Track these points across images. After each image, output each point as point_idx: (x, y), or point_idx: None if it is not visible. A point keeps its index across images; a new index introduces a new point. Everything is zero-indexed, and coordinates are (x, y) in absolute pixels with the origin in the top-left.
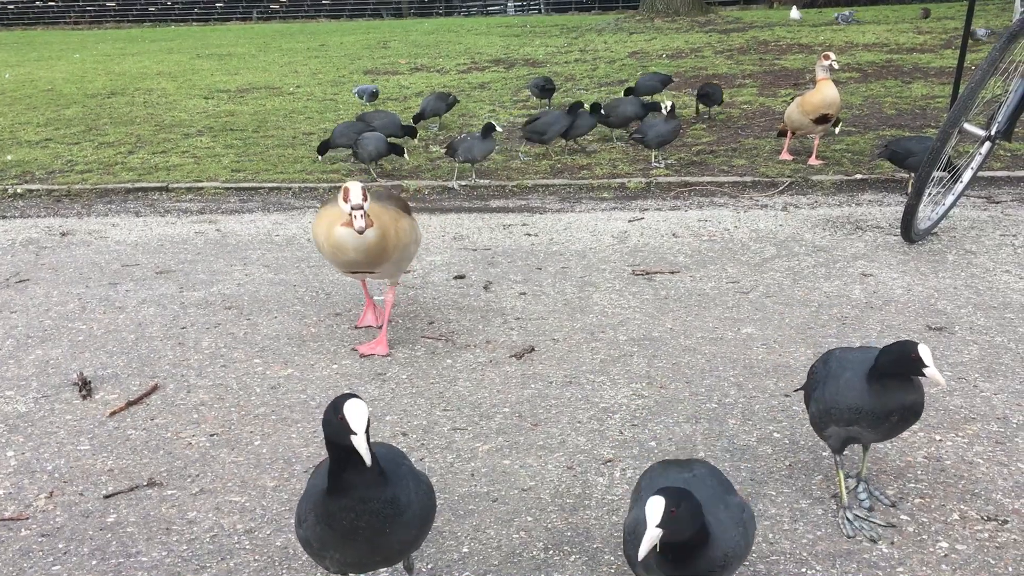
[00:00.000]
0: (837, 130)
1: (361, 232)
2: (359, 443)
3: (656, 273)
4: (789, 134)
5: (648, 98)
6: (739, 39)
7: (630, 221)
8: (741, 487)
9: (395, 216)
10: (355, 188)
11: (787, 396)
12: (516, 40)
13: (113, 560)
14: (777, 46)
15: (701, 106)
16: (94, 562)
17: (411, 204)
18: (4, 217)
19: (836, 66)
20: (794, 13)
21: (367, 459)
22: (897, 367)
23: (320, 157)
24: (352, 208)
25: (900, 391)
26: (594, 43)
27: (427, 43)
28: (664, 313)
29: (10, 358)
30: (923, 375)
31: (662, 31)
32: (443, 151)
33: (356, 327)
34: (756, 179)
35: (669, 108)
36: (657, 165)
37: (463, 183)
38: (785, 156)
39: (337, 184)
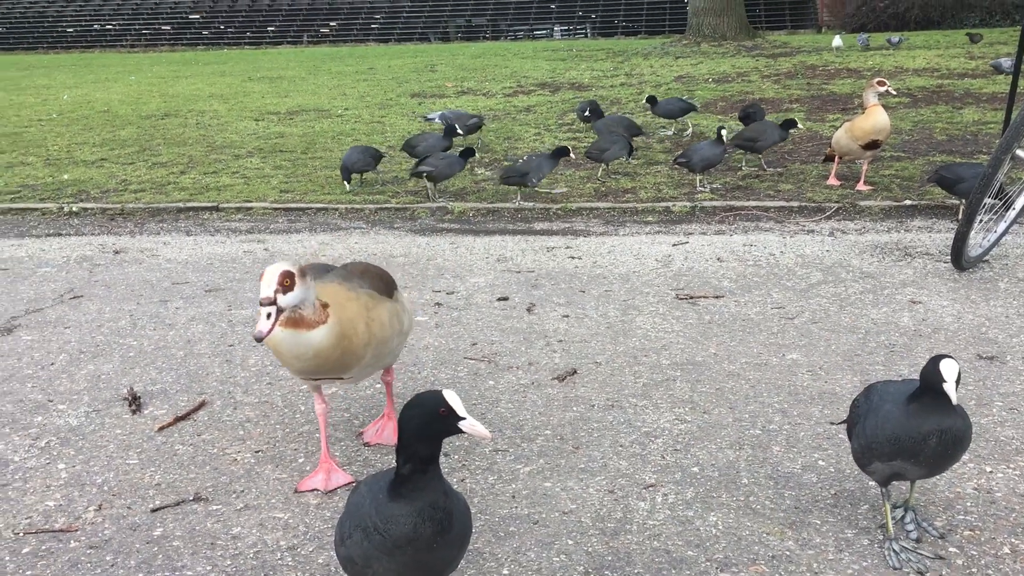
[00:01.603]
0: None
1: (259, 339)
2: (472, 424)
3: (700, 297)
4: (837, 159)
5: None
6: (786, 63)
7: (674, 245)
8: (785, 515)
9: (367, 304)
10: (268, 273)
11: (832, 424)
12: (562, 64)
13: (159, 573)
14: (825, 71)
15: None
16: (140, 575)
17: (455, 226)
18: (60, 235)
19: (893, 92)
20: (836, 41)
21: (487, 434)
22: (925, 381)
23: (347, 184)
24: (260, 303)
25: (936, 413)
26: (640, 67)
27: (474, 67)
28: (708, 338)
29: (63, 372)
30: (942, 390)
31: (708, 55)
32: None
33: (367, 444)
34: (803, 204)
35: (722, 133)
36: (702, 189)
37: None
38: (832, 181)
39: (384, 206)
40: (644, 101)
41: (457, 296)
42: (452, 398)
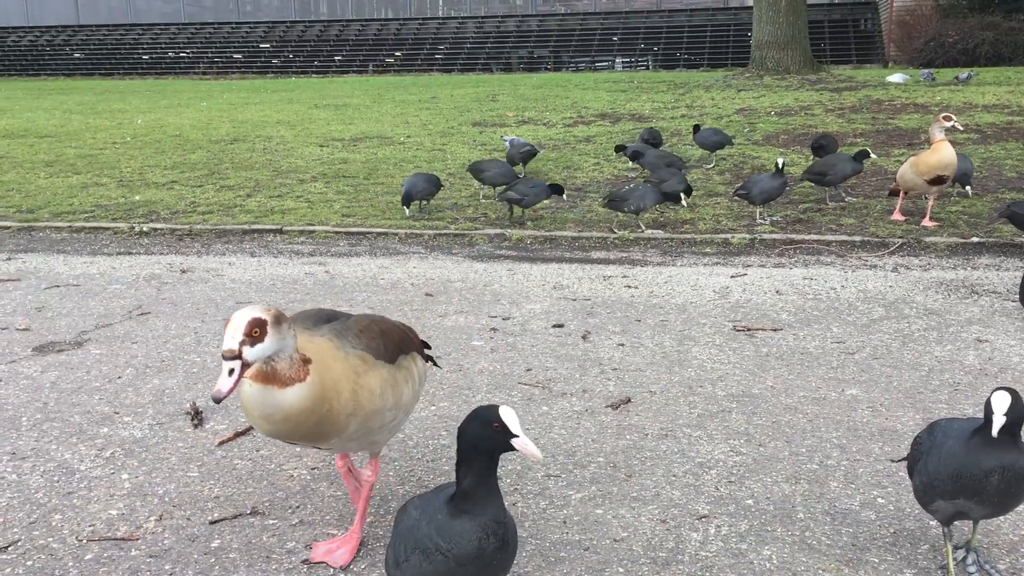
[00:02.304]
0: (969, 191)
1: (217, 400)
2: (524, 443)
3: (758, 330)
4: (902, 194)
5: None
6: (851, 98)
7: (732, 277)
8: (842, 552)
9: (356, 367)
10: (235, 320)
11: (893, 462)
12: (623, 95)
13: None
14: (891, 105)
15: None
16: None
17: (513, 253)
18: (130, 253)
19: (960, 128)
20: (895, 77)
21: (538, 454)
22: (984, 415)
23: (407, 209)
24: (223, 356)
25: (999, 450)
26: (701, 99)
27: (535, 96)
28: (765, 370)
29: (129, 386)
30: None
31: (771, 88)
32: (602, 204)
33: (307, 562)
34: (865, 239)
35: (780, 165)
36: (762, 222)
37: (639, 231)
38: (897, 216)
39: (443, 232)
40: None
41: (513, 322)
42: (507, 414)
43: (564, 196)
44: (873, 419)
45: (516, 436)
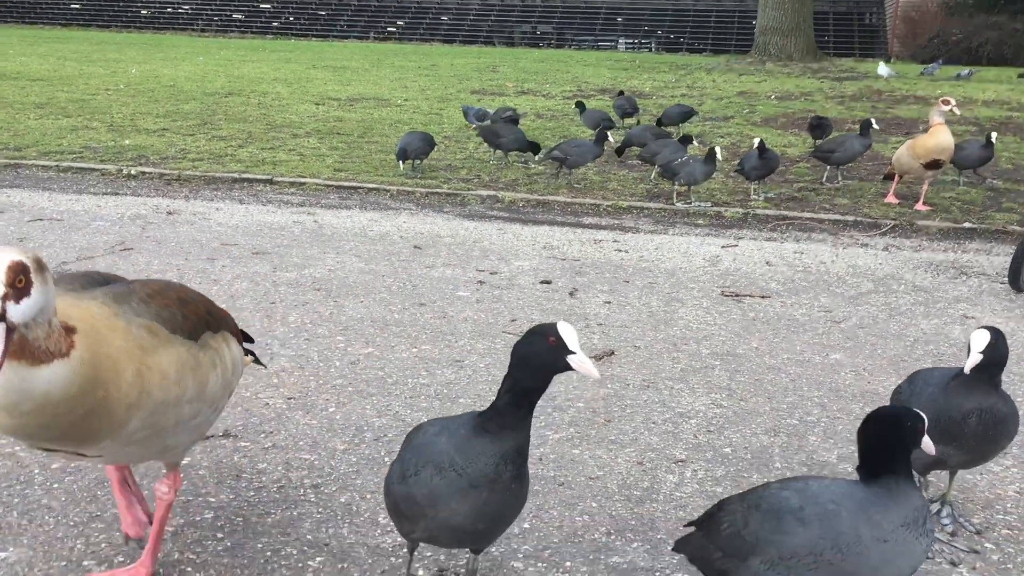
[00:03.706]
0: (996, 183)
1: None
2: (581, 360)
3: (746, 296)
4: (896, 177)
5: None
6: (852, 87)
7: (723, 247)
8: None
9: (142, 342)
10: None
11: None
12: (624, 73)
13: (183, 497)
14: (892, 96)
15: (813, 138)
16: None
17: (504, 214)
18: (117, 194)
19: (957, 112)
20: (882, 69)
21: (595, 373)
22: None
23: (401, 165)
24: None
25: (977, 392)
26: (703, 81)
27: (536, 70)
28: (750, 333)
29: None
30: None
31: (773, 74)
32: (656, 175)
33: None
34: (858, 219)
35: (759, 144)
36: (756, 198)
37: (689, 203)
38: (891, 199)
39: (435, 191)
40: (655, 123)
41: (500, 276)
42: (566, 330)
43: (538, 157)
44: (856, 382)
45: (573, 353)
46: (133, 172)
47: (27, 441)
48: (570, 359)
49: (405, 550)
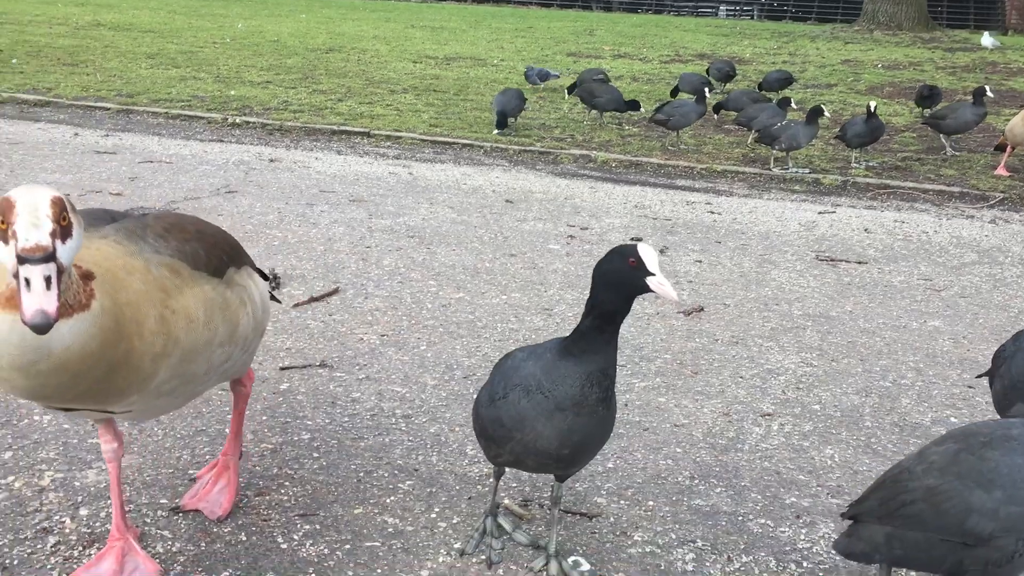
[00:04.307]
0: None
1: (42, 327)
2: (660, 281)
3: (841, 261)
4: (1009, 149)
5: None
6: (965, 58)
7: (820, 213)
8: None
9: (163, 283)
10: (32, 199)
11: (971, 388)
12: (724, 39)
13: (282, 419)
14: (1007, 68)
15: (922, 108)
16: (264, 418)
17: (597, 174)
18: (222, 141)
19: None
20: (985, 40)
21: (673, 294)
22: None
23: (497, 131)
24: (20, 257)
25: None
26: (805, 48)
27: (633, 34)
28: (845, 297)
29: None
30: None
31: (880, 43)
32: (753, 139)
33: (180, 509)
34: (965, 190)
35: (870, 109)
36: (857, 166)
37: (786, 169)
38: (1001, 171)
39: (528, 148)
40: (669, 95)
41: (591, 232)
42: (646, 251)
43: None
44: (954, 349)
45: (652, 274)
46: (238, 121)
47: (43, 402)
48: (649, 280)
49: (491, 479)
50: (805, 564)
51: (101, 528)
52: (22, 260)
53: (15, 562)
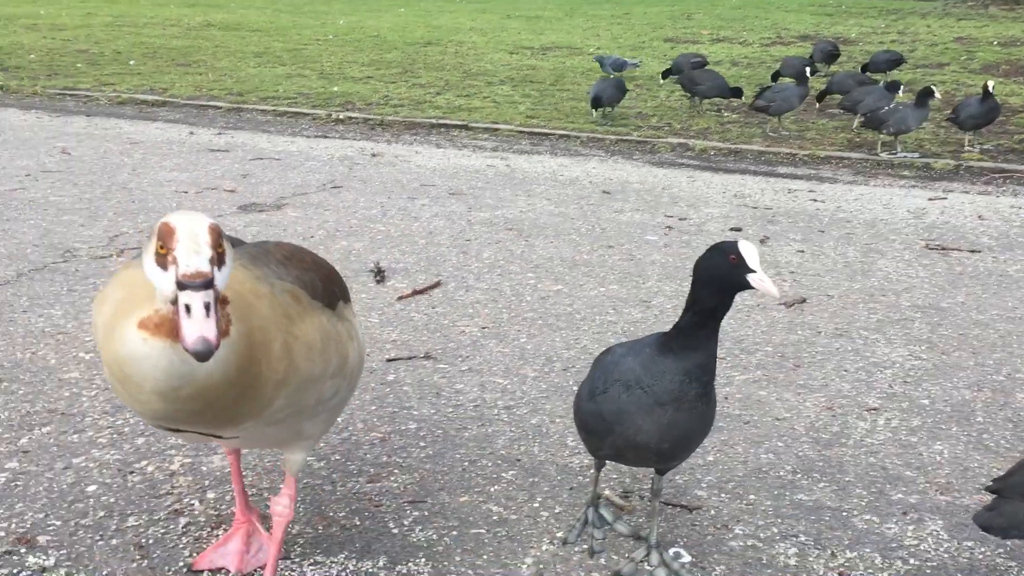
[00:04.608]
0: None
1: (203, 354)
2: (761, 278)
3: (953, 250)
4: None
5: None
6: None
7: (930, 199)
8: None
9: (287, 309)
10: (190, 225)
11: None
12: (828, 19)
13: (390, 409)
14: None
15: None
16: (373, 407)
17: (695, 162)
18: (327, 137)
19: None
20: None
21: (775, 291)
22: None
23: (595, 113)
24: (181, 281)
25: None
26: (915, 26)
27: (733, 17)
28: (956, 287)
29: (320, 245)
30: None
31: (996, 19)
32: (859, 123)
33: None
34: None
35: (990, 88)
36: (971, 149)
37: (894, 154)
38: None
39: (625, 138)
40: (771, 79)
41: (689, 222)
42: (746, 248)
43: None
44: None
45: (753, 271)
46: (341, 117)
47: (169, 424)
48: (750, 277)
49: (592, 470)
50: (912, 561)
51: (227, 510)
52: (183, 286)
53: (150, 541)
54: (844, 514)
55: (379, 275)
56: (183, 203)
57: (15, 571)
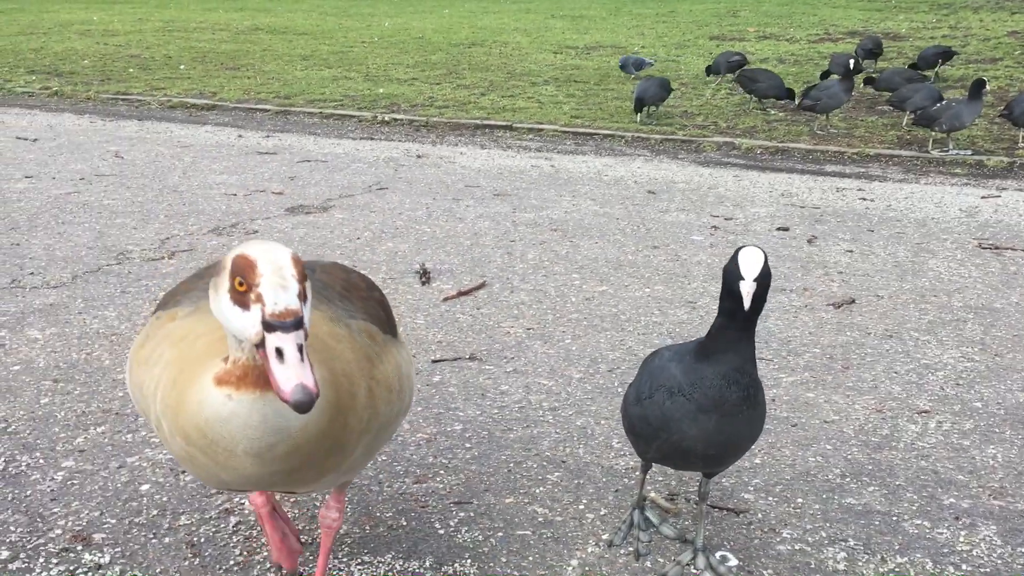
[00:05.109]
0: None
1: (305, 404)
2: (746, 290)
3: (1007, 249)
4: None
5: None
6: None
7: (983, 197)
8: None
9: (367, 351)
10: (271, 255)
11: None
12: (877, 14)
13: (435, 410)
14: None
15: None
16: (419, 408)
17: (741, 161)
18: (372, 139)
19: None
20: None
21: (746, 302)
22: None
23: (638, 116)
24: (269, 321)
25: None
26: (967, 20)
27: (779, 13)
28: (1010, 287)
29: (366, 246)
30: None
31: None
32: (908, 121)
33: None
34: None
35: None
36: None
37: (946, 151)
38: None
39: (670, 137)
40: (819, 77)
41: (735, 222)
42: (745, 255)
43: (796, 102)
44: None
45: (742, 279)
46: (386, 119)
47: (254, 485)
48: (740, 284)
49: (638, 472)
50: (964, 567)
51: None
52: (271, 327)
53: (202, 540)
54: (894, 518)
55: (424, 276)
56: (231, 206)
57: (72, 568)
